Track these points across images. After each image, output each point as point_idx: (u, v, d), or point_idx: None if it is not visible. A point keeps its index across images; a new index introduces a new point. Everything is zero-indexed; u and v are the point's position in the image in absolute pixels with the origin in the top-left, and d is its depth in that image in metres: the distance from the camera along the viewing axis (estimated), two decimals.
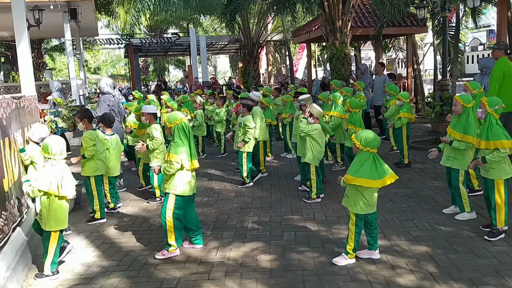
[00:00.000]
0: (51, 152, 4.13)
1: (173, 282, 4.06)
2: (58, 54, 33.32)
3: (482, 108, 4.71)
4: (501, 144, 4.51)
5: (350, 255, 4.23)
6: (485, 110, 4.64)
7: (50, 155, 4.13)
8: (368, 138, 4.08)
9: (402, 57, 24.58)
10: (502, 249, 4.37)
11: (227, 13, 16.41)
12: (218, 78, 38.24)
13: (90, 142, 5.62)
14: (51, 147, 4.13)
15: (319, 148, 6.21)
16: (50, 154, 4.13)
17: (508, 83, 7.11)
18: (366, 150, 4.09)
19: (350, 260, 4.22)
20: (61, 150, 4.18)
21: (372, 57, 34.23)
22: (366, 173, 4.07)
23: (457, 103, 5.14)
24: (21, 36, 6.44)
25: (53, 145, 4.14)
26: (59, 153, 4.16)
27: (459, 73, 14.84)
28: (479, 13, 17.02)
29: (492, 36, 30.55)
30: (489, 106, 4.60)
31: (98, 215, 5.82)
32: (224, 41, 25.30)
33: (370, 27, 14.58)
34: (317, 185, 6.25)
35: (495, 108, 4.60)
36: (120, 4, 17.19)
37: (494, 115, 4.62)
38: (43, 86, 15.44)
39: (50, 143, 4.16)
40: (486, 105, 4.62)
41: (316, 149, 6.18)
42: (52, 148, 4.13)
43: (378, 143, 4.12)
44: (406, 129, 7.87)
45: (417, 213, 5.58)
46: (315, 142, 6.17)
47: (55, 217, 4.19)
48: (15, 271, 4.03)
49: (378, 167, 4.10)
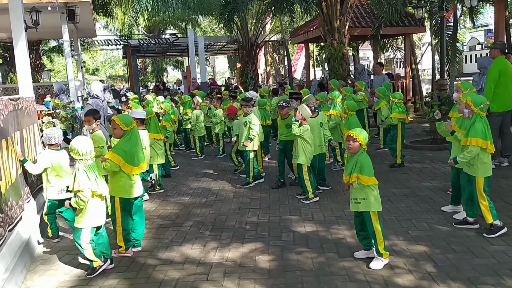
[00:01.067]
0: (81, 153, 4.11)
1: (172, 283, 4.05)
2: (56, 55, 33.26)
3: (468, 108, 4.73)
4: (476, 142, 4.55)
5: (385, 255, 4.17)
6: (471, 110, 4.68)
7: (81, 156, 4.11)
8: (367, 137, 4.18)
9: (400, 57, 24.62)
10: (500, 248, 4.38)
11: (225, 14, 16.41)
12: (216, 79, 38.25)
13: (101, 142, 5.67)
14: (80, 149, 4.10)
15: (310, 148, 6.26)
16: (81, 155, 4.11)
17: (504, 83, 7.12)
18: (366, 148, 4.16)
19: (386, 260, 4.17)
20: (90, 149, 4.18)
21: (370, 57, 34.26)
22: (372, 171, 4.14)
23: (461, 102, 5.17)
24: (18, 38, 6.43)
25: (81, 146, 4.12)
26: (89, 152, 4.16)
27: (457, 73, 14.89)
28: (477, 13, 17.07)
29: (490, 36, 30.62)
30: (475, 106, 4.63)
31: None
32: (222, 42, 25.29)
33: (368, 27, 14.59)
34: (311, 184, 6.26)
35: (481, 107, 4.63)
36: (118, 5, 17.14)
37: (481, 114, 4.64)
38: (41, 87, 15.42)
39: (78, 144, 4.13)
40: (471, 106, 4.66)
41: (307, 150, 6.22)
42: (82, 149, 4.11)
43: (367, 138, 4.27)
44: (401, 129, 7.87)
45: (416, 213, 5.58)
46: (306, 143, 6.21)
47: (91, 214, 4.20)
48: (13, 273, 4.02)
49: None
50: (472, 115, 4.70)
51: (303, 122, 6.17)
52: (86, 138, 4.30)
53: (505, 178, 6.74)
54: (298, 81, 24.10)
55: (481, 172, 4.66)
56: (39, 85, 15.62)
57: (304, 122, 6.18)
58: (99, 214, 4.28)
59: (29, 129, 5.79)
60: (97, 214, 4.26)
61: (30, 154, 5.75)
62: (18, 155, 4.93)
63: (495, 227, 4.65)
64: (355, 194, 4.22)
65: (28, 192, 5.35)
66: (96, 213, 4.24)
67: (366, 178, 4.09)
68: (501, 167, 7.40)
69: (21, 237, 4.68)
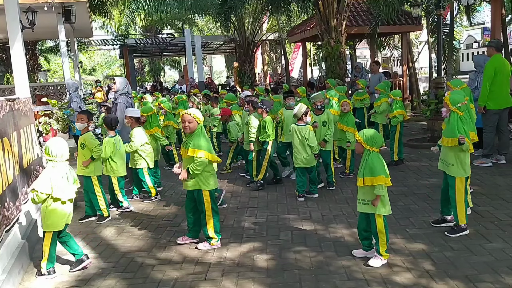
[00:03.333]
0: (52, 154, 4.16)
1: (170, 283, 4.05)
2: (53, 55, 33.16)
3: (446, 107, 4.72)
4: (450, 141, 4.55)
5: (385, 256, 4.16)
6: (449, 109, 4.66)
7: (51, 157, 4.17)
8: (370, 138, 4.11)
9: (397, 55, 24.62)
10: (498, 246, 4.39)
11: (222, 13, 16.40)
12: (214, 78, 38.23)
13: (95, 142, 5.68)
14: (51, 149, 4.16)
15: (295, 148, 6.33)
16: (51, 156, 4.17)
17: (500, 81, 7.13)
18: (373, 149, 4.11)
19: (385, 260, 4.16)
20: (62, 153, 4.19)
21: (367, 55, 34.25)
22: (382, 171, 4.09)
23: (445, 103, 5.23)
24: (14, 38, 6.41)
25: (53, 147, 4.17)
26: (60, 155, 4.18)
27: (454, 71, 14.88)
28: (473, 11, 17.07)
29: (487, 34, 30.64)
30: (452, 105, 4.61)
31: (106, 213, 5.88)
32: (219, 41, 25.29)
33: (365, 26, 14.61)
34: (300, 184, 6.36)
35: (458, 106, 4.60)
36: (115, 4, 17.10)
37: (458, 113, 4.61)
38: (38, 88, 15.38)
39: (51, 145, 4.18)
40: (449, 104, 4.64)
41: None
42: (53, 150, 4.16)
43: (382, 142, 4.19)
44: (400, 127, 7.89)
45: (413, 211, 5.59)
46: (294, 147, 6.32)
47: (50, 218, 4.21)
48: (10, 273, 4.01)
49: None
50: (449, 114, 4.67)
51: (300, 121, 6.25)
52: (62, 140, 4.31)
53: (503, 176, 6.76)
54: (296, 80, 24.10)
55: (461, 172, 4.64)
56: (36, 86, 15.57)
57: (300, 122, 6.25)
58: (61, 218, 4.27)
59: (26, 129, 5.78)
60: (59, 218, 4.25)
61: (28, 155, 5.74)
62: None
63: (459, 228, 4.67)
64: (363, 195, 4.19)
65: (26, 192, 5.33)
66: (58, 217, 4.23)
67: (383, 178, 4.05)
68: (499, 164, 7.42)
69: (19, 238, 4.67)
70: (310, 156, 6.27)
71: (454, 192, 4.66)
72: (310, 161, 6.29)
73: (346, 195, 6.42)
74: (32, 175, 5.80)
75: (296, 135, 6.25)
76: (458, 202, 4.64)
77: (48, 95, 14.32)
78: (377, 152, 4.15)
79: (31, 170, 5.81)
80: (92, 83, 37.84)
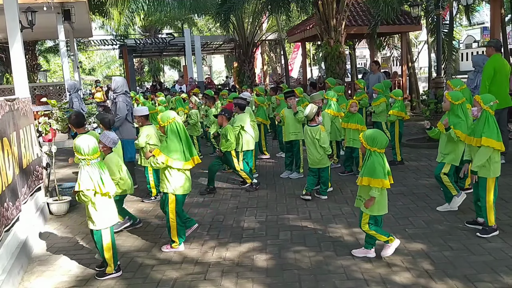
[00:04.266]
0: (84, 153, 4.02)
1: (169, 283, 4.05)
2: (53, 55, 33.19)
3: (477, 106, 4.69)
4: (491, 142, 4.51)
5: (391, 240, 4.21)
6: (481, 108, 4.64)
7: (83, 155, 4.03)
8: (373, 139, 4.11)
9: (397, 55, 24.63)
10: (497, 245, 4.39)
11: (221, 13, 16.40)
12: (213, 78, 38.21)
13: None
14: (83, 148, 4.01)
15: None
16: (84, 155, 4.03)
17: (499, 80, 7.13)
18: (374, 150, 4.12)
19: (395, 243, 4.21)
20: (94, 150, 4.09)
21: (367, 55, 34.29)
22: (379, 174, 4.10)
23: (446, 100, 5.25)
24: (14, 38, 6.41)
25: (84, 146, 4.02)
26: (92, 152, 4.06)
27: (453, 71, 14.89)
28: (473, 11, 17.07)
29: (486, 33, 30.67)
30: (484, 103, 4.60)
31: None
32: (219, 41, 25.29)
33: (364, 26, 14.61)
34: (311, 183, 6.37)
35: (490, 104, 4.59)
36: (114, 4, 17.11)
37: (490, 112, 4.61)
38: (37, 88, 15.38)
39: (82, 144, 4.03)
40: (481, 103, 4.61)
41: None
42: (85, 148, 4.02)
43: (386, 143, 4.17)
44: (398, 126, 7.89)
45: (412, 210, 5.59)
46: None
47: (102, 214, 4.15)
48: (10, 274, 4.01)
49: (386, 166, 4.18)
50: (481, 113, 4.64)
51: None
52: (90, 137, 4.22)
53: (503, 176, 6.68)
54: (295, 80, 24.10)
55: (493, 173, 4.64)
56: (35, 86, 15.58)
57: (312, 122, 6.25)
58: (111, 213, 4.24)
59: (26, 130, 5.78)
60: (109, 213, 4.21)
61: (27, 155, 5.74)
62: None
63: (490, 228, 4.65)
64: (361, 191, 4.27)
65: (26, 193, 5.33)
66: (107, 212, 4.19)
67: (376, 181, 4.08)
68: None
69: (18, 238, 4.67)
70: (323, 157, 6.25)
71: (484, 193, 4.64)
72: (323, 161, 6.27)
73: (346, 195, 6.42)
74: (31, 175, 5.80)
75: (308, 136, 6.26)
76: (488, 203, 4.62)
77: (47, 95, 14.33)
78: (380, 152, 4.14)
79: (31, 170, 5.81)
80: (91, 83, 37.83)
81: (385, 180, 4.11)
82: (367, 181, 4.11)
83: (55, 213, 6.24)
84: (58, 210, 6.25)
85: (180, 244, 4.79)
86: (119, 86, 7.29)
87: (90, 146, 4.04)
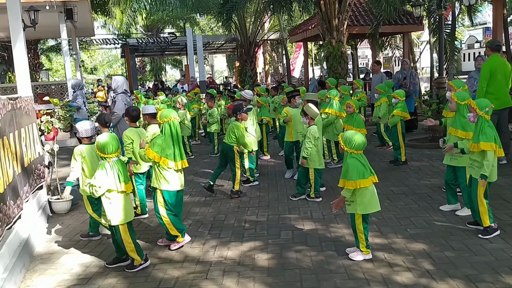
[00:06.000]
0: (108, 152, 4.16)
1: (171, 282, 4.06)
2: (55, 54, 33.22)
3: (473, 112, 4.69)
4: (490, 145, 4.51)
5: (366, 251, 4.25)
6: (477, 113, 4.63)
7: (106, 154, 4.16)
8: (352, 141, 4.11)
9: (399, 55, 24.62)
10: (498, 246, 4.39)
11: (223, 12, 16.41)
12: (215, 78, 38.23)
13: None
14: (107, 147, 4.15)
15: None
16: (107, 153, 4.16)
17: (497, 81, 7.10)
18: (351, 151, 4.14)
19: (367, 256, 4.24)
20: (117, 148, 4.22)
21: (368, 55, 34.28)
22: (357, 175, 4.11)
23: (452, 101, 5.21)
24: (16, 37, 6.42)
25: (109, 145, 4.15)
26: (116, 151, 4.20)
27: (455, 71, 14.89)
28: (475, 11, 17.05)
29: (488, 34, 30.60)
30: (480, 109, 4.58)
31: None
32: (220, 41, 25.29)
33: (366, 26, 14.62)
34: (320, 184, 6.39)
35: (486, 110, 4.57)
36: (116, 4, 17.16)
37: (486, 117, 4.60)
38: (40, 86, 15.40)
39: (105, 142, 4.15)
40: (476, 109, 4.61)
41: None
42: (109, 148, 4.15)
43: (364, 145, 4.16)
44: (401, 126, 7.89)
45: (414, 210, 5.59)
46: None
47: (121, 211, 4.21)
48: (12, 272, 4.02)
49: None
50: (477, 119, 4.63)
51: (310, 122, 6.10)
52: (111, 134, 4.32)
53: (503, 176, 6.75)
54: (297, 80, 24.10)
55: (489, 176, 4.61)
56: (38, 85, 15.60)
57: (311, 122, 6.11)
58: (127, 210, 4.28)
59: (27, 128, 5.79)
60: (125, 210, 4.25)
61: (29, 154, 5.75)
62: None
63: (491, 229, 4.65)
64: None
65: (27, 191, 5.34)
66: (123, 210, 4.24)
67: (349, 182, 4.11)
68: (499, 165, 7.37)
69: (20, 236, 4.68)
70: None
71: (475, 194, 4.64)
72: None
73: None
74: (33, 173, 5.82)
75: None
76: (480, 205, 4.62)
77: (49, 94, 14.33)
78: (357, 154, 4.14)
79: (32, 169, 5.82)
80: (93, 82, 37.87)
81: (360, 180, 4.10)
82: (342, 183, 4.19)
83: (57, 212, 6.26)
84: (60, 208, 6.26)
85: (183, 235, 4.80)
86: (119, 86, 7.42)
87: (114, 145, 4.18)
